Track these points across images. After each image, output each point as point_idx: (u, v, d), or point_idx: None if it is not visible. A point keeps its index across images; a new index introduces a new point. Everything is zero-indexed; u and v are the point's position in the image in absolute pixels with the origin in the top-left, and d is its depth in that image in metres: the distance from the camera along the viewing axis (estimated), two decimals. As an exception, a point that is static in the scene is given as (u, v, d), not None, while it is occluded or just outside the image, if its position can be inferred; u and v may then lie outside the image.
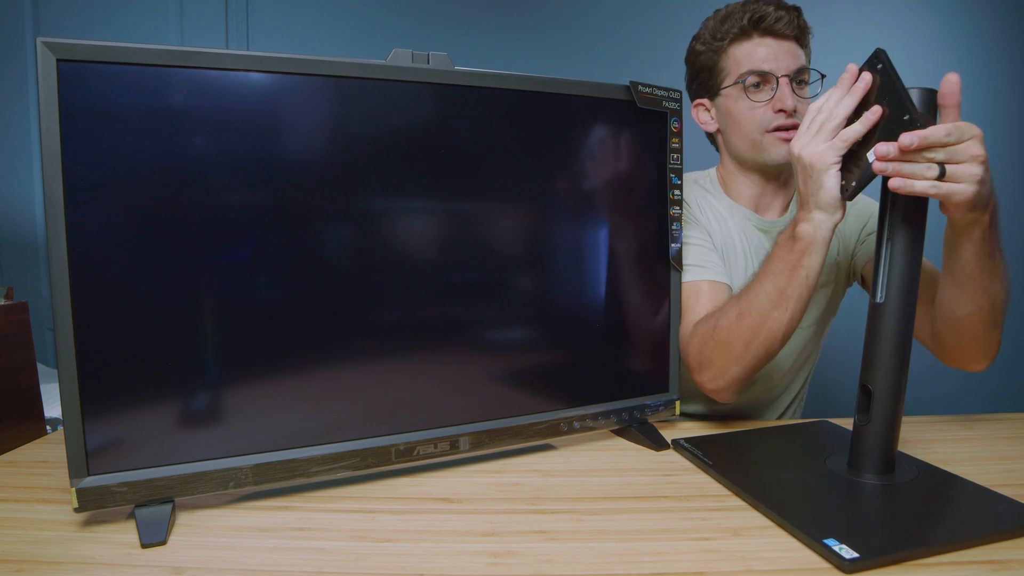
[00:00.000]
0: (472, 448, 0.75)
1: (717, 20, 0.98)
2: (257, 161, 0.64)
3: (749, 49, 0.95)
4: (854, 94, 0.70)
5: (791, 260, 0.78)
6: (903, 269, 0.66)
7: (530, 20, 1.79)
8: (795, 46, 0.95)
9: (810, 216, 0.76)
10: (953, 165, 0.63)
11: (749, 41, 0.95)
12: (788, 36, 0.94)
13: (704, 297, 0.91)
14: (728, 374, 0.84)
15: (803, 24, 0.96)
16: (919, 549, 0.55)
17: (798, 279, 0.78)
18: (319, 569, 0.54)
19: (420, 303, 0.74)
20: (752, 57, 0.94)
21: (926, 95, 0.65)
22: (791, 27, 0.94)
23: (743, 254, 1.01)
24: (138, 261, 0.61)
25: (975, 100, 1.82)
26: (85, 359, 0.58)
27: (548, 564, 0.54)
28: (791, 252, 0.78)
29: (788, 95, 0.92)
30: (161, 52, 0.59)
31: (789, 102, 0.92)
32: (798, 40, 0.95)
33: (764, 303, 0.79)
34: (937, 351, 0.87)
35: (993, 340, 0.81)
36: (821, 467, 0.72)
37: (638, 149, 0.84)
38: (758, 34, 0.94)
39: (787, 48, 0.94)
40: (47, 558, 0.55)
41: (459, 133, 0.75)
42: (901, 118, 0.64)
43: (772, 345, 0.81)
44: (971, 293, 0.76)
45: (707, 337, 0.84)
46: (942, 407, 1.86)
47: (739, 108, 0.97)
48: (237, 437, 0.65)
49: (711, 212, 1.03)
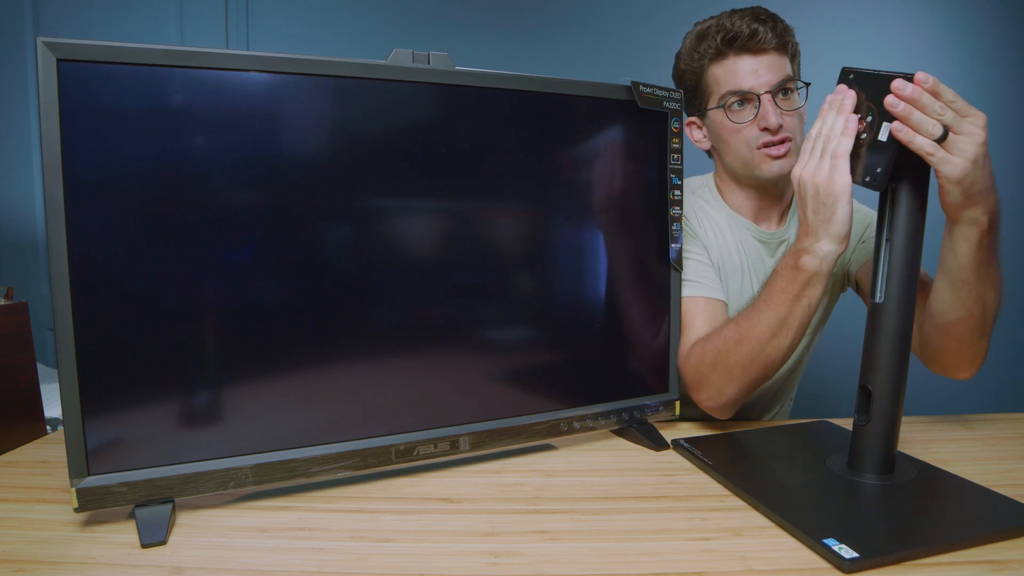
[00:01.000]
0: (472, 448, 0.75)
1: (694, 39, 0.97)
2: (257, 161, 0.64)
3: (728, 68, 0.93)
4: (843, 111, 0.70)
5: (793, 290, 0.76)
6: (903, 269, 0.66)
7: (530, 20, 1.79)
8: (776, 56, 0.92)
9: (816, 248, 0.73)
10: (954, 135, 0.63)
11: (726, 60, 0.93)
12: (766, 49, 0.92)
13: (700, 316, 0.91)
14: (725, 394, 0.84)
15: (782, 30, 0.93)
16: (919, 549, 0.55)
17: (800, 309, 0.77)
18: (319, 569, 0.54)
19: (420, 303, 0.74)
20: (731, 77, 0.93)
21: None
22: (768, 40, 0.91)
23: (740, 266, 1.01)
24: (138, 261, 0.61)
25: (975, 100, 1.81)
26: (85, 359, 0.58)
27: (548, 564, 0.54)
28: (793, 282, 0.76)
29: (771, 112, 0.91)
30: (161, 52, 0.59)
31: (773, 120, 0.91)
32: (780, 49, 0.93)
33: (764, 332, 0.79)
34: (925, 356, 0.87)
35: (981, 349, 0.81)
36: (821, 467, 0.72)
37: (638, 149, 0.84)
38: (734, 53, 0.92)
39: (767, 62, 0.92)
40: (47, 558, 0.55)
41: (459, 133, 0.75)
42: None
43: (770, 370, 0.82)
44: (964, 298, 0.75)
45: (704, 359, 0.84)
46: (942, 407, 1.86)
47: (725, 129, 0.96)
48: (237, 437, 0.65)
49: (709, 223, 1.02)
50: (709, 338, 0.86)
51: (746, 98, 0.93)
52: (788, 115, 0.93)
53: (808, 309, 0.77)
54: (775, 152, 0.93)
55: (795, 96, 0.95)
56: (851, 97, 0.69)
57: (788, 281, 0.77)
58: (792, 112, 0.93)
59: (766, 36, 0.90)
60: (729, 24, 0.91)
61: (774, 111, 0.91)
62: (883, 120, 0.65)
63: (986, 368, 0.84)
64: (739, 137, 0.94)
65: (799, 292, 0.76)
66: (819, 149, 0.72)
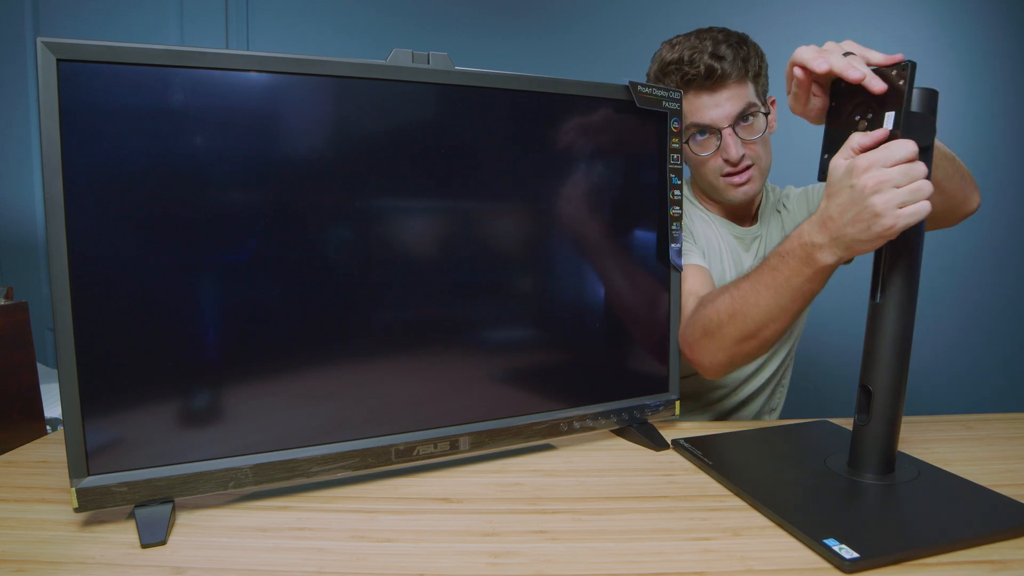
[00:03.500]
0: (472, 448, 0.75)
1: (657, 70, 1.00)
2: (257, 161, 0.65)
3: (688, 103, 0.96)
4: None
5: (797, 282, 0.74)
6: (903, 269, 0.66)
7: (530, 20, 1.79)
8: (735, 88, 0.95)
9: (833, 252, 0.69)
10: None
11: (687, 96, 0.95)
12: (726, 83, 0.94)
13: (690, 279, 0.93)
14: (717, 361, 0.86)
15: (742, 58, 0.94)
16: (919, 549, 0.55)
17: (801, 299, 0.76)
18: (319, 569, 0.54)
19: (420, 303, 0.74)
20: (692, 111, 0.96)
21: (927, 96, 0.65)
22: (726, 74, 0.93)
23: (720, 256, 1.06)
24: (138, 261, 0.61)
25: (975, 100, 1.82)
26: (85, 359, 0.58)
27: (548, 564, 0.54)
28: (799, 275, 0.74)
29: (731, 145, 0.95)
30: (161, 52, 0.59)
31: (733, 153, 0.95)
32: (739, 79, 0.95)
33: (762, 315, 0.78)
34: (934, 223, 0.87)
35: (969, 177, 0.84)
36: (821, 467, 0.72)
37: (638, 149, 0.84)
38: (694, 89, 0.96)
39: (726, 95, 0.94)
40: (47, 558, 0.55)
41: (459, 133, 0.75)
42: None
43: (763, 349, 0.84)
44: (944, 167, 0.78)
45: (696, 325, 0.86)
46: (942, 407, 1.86)
47: (693, 159, 1.01)
48: (237, 437, 0.65)
49: (694, 215, 1.08)
50: (701, 307, 0.86)
51: (708, 130, 0.97)
52: (751, 143, 0.97)
53: (807, 300, 0.77)
54: (737, 180, 0.99)
55: (757, 121, 0.98)
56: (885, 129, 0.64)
57: (794, 273, 0.74)
58: (755, 139, 0.97)
59: (724, 70, 0.93)
60: (688, 64, 0.94)
61: (734, 144, 0.96)
62: (883, 110, 0.65)
63: (986, 368, 0.84)
64: (705, 167, 1.01)
65: (804, 285, 0.74)
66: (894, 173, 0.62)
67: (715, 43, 0.94)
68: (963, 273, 1.85)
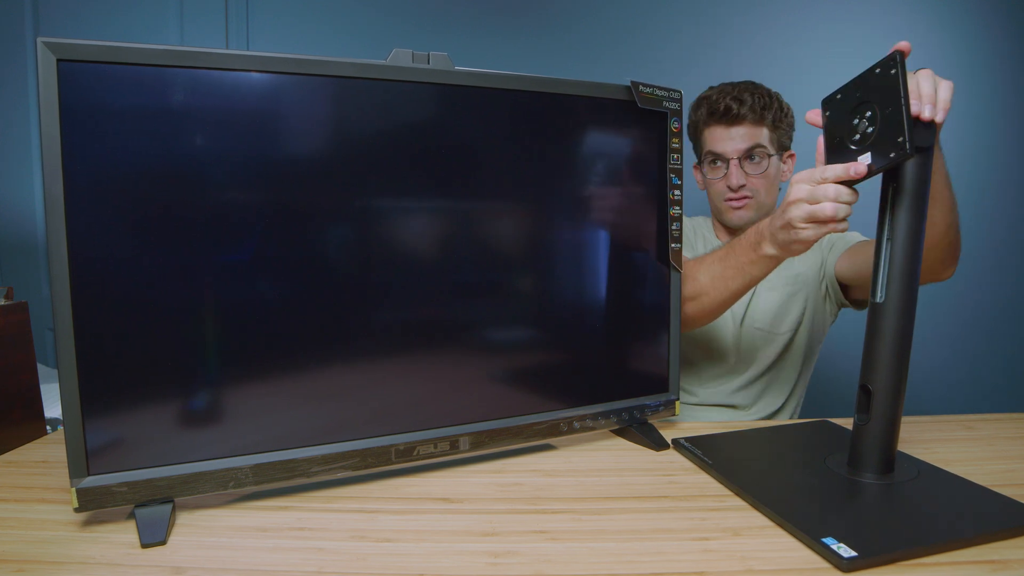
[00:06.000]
0: (472, 448, 0.75)
1: (695, 103, 1.20)
2: (257, 161, 0.65)
3: (710, 133, 1.17)
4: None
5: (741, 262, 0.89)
6: (903, 269, 0.66)
7: (530, 20, 1.79)
8: (749, 128, 1.13)
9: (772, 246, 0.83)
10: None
11: (709, 127, 1.17)
12: (741, 121, 1.13)
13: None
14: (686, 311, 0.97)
15: (761, 107, 1.12)
16: (918, 548, 0.55)
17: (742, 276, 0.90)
18: (319, 569, 0.54)
19: (420, 303, 0.74)
20: (711, 141, 1.17)
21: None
22: (742, 114, 1.12)
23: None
24: (138, 261, 0.61)
25: (975, 100, 1.82)
26: (85, 359, 0.58)
27: (548, 564, 0.54)
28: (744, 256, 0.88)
29: (734, 174, 1.14)
30: (161, 52, 0.59)
31: (734, 180, 1.14)
32: (755, 122, 1.13)
33: (706, 281, 0.93)
34: None
35: (958, 242, 0.89)
36: (821, 467, 0.72)
37: (638, 149, 0.84)
38: (715, 122, 1.16)
39: (740, 132, 1.14)
40: (47, 558, 0.55)
41: (459, 133, 0.75)
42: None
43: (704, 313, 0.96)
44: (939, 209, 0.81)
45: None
46: (942, 407, 1.86)
47: (707, 180, 1.21)
48: (237, 437, 0.65)
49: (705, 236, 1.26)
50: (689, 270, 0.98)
51: (720, 158, 1.16)
52: (754, 178, 1.14)
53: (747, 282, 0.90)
54: (735, 204, 1.17)
55: (764, 161, 1.15)
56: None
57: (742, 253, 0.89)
58: (758, 175, 1.15)
59: (740, 112, 1.12)
60: (714, 100, 1.15)
61: (737, 173, 1.14)
62: (882, 109, 0.65)
63: (986, 368, 0.85)
64: (713, 189, 1.20)
65: (744, 265, 0.88)
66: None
67: (741, 91, 1.13)
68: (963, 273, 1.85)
